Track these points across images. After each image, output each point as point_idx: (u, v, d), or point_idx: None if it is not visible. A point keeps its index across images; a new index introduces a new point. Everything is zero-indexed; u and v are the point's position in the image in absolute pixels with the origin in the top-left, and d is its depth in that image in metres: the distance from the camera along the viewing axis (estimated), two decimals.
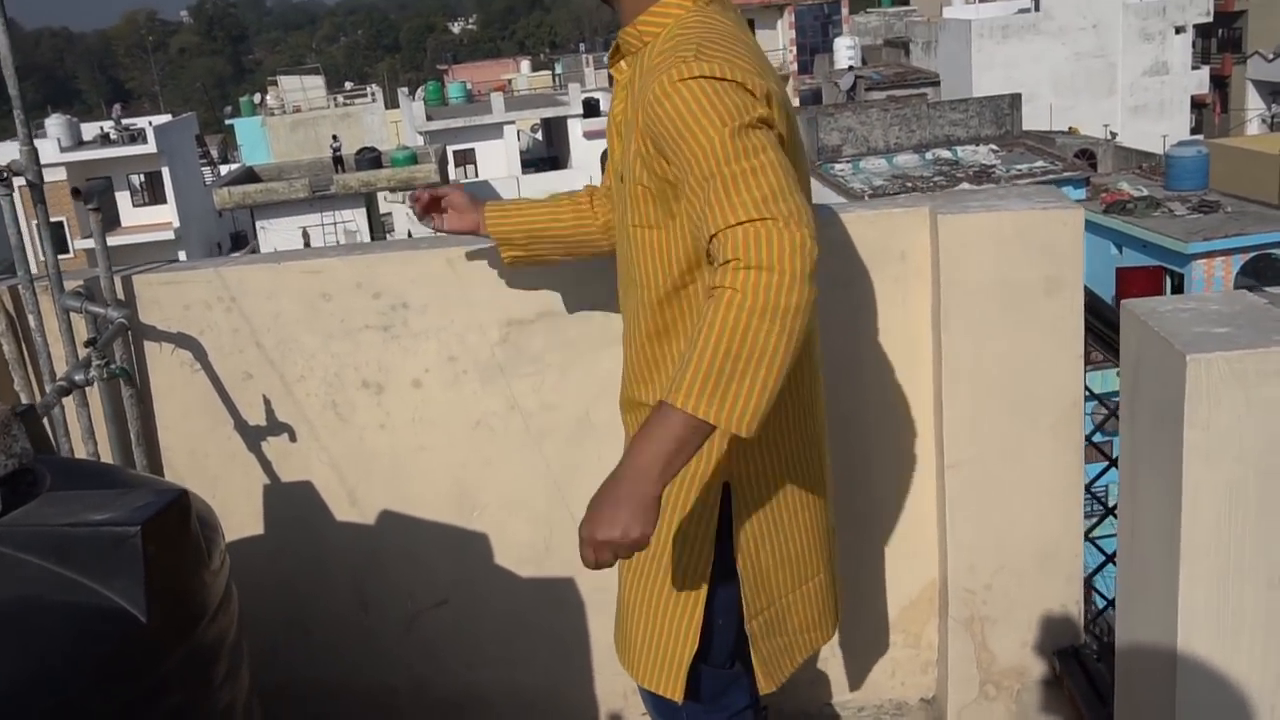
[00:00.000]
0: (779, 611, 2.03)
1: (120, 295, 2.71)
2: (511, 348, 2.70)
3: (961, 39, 37.77)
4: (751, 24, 47.86)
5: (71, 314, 2.65)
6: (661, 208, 1.83)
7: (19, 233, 2.57)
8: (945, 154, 29.95)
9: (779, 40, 47.03)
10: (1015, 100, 31.39)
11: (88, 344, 2.42)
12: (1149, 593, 1.70)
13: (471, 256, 2.64)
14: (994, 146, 30.16)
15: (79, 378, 2.30)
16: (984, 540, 2.60)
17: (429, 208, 2.33)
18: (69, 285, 2.67)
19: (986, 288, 2.47)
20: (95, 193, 2.61)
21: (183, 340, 2.76)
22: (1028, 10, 39.11)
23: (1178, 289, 19.48)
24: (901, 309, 2.62)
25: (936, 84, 38.63)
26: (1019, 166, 28.35)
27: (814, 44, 46.22)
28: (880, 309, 2.63)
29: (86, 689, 1.42)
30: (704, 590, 1.94)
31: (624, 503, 1.55)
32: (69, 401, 2.68)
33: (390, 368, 2.73)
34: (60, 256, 2.69)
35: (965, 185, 26.71)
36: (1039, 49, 37.24)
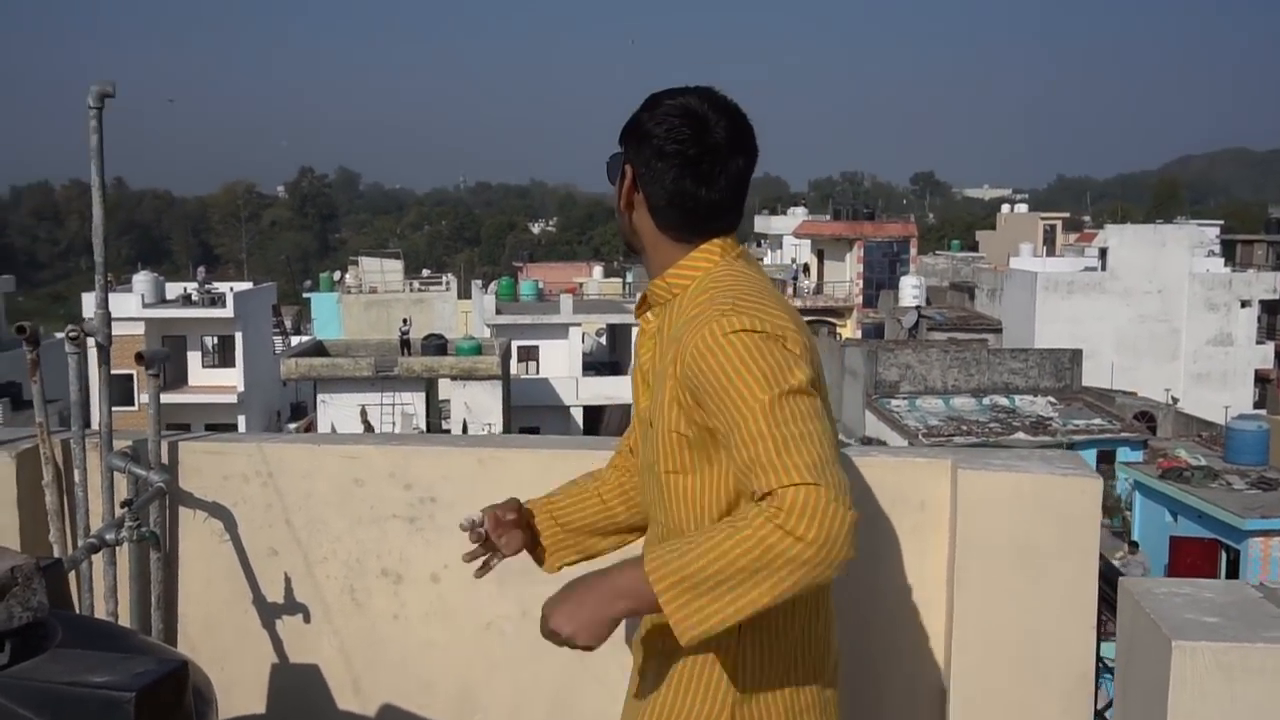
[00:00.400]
0: None
1: (165, 459, 2.82)
2: (526, 556, 2.73)
3: (1027, 290, 38.41)
4: (821, 254, 49.16)
5: (115, 473, 2.75)
6: (699, 454, 1.86)
7: (82, 390, 2.71)
8: (1003, 401, 30.04)
9: (846, 272, 48.09)
10: (1076, 356, 31.63)
11: (124, 504, 2.51)
12: None
13: (500, 457, 2.72)
14: (1052, 399, 30.24)
15: (110, 537, 2.38)
16: None
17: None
18: (118, 444, 2.78)
19: (1001, 548, 2.49)
20: (157, 359, 2.75)
21: (217, 510, 2.84)
22: (1094, 269, 39.80)
23: (1233, 565, 19.02)
24: (918, 558, 2.64)
25: (998, 331, 39.11)
26: (1076, 421, 28.33)
27: (880, 279, 47.17)
28: (897, 557, 2.65)
29: None
30: None
31: (586, 609, 1.75)
32: (98, 558, 2.75)
33: (411, 559, 2.79)
34: (124, 408, 2.83)
35: (1021, 434, 26.70)
36: (1104, 307, 37.71)
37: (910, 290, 42.54)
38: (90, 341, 2.77)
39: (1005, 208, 79.08)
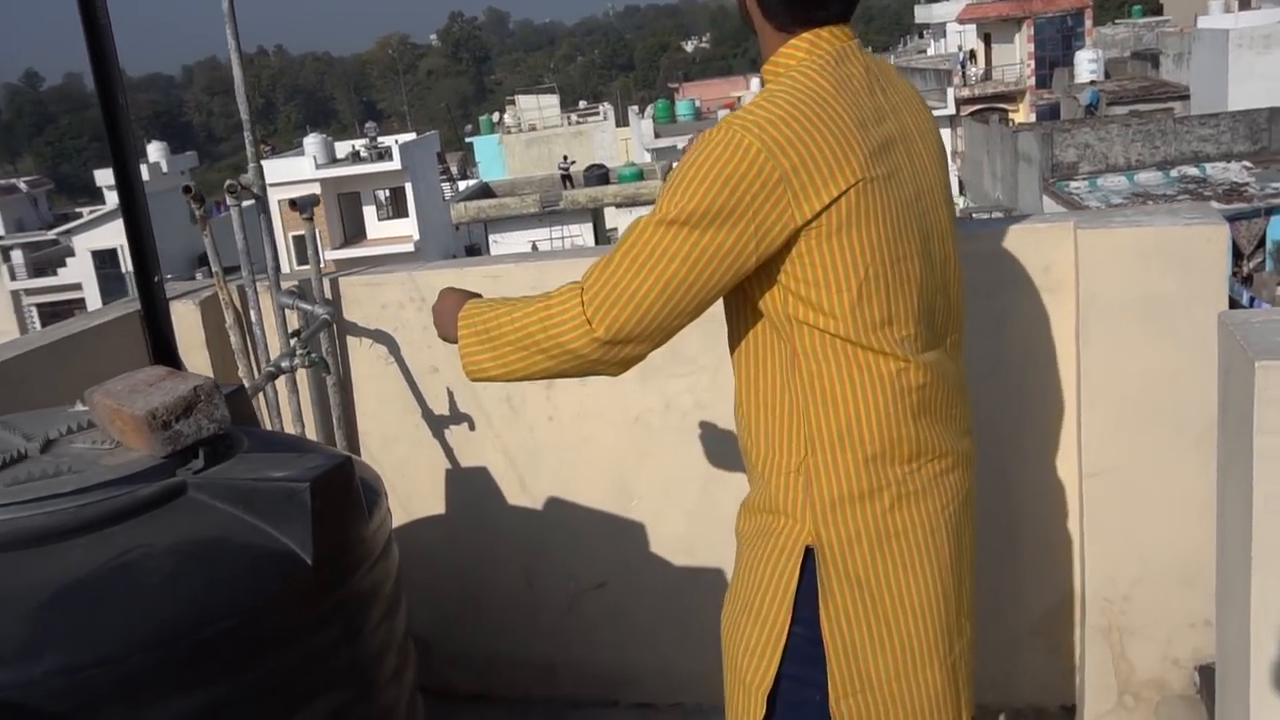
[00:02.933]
0: (879, 701, 1.85)
1: (328, 295, 3.06)
2: (668, 350, 2.85)
3: (1218, 50, 35.70)
4: (988, 38, 46.69)
5: (286, 310, 3.01)
6: None
7: (244, 238, 2.96)
8: (1192, 171, 28.48)
9: (1016, 54, 45.68)
10: (1275, 114, 29.48)
11: (292, 335, 2.76)
12: (1234, 597, 1.76)
13: None
14: (1248, 163, 28.47)
15: (284, 364, 2.64)
16: (1123, 551, 2.63)
17: None
18: (286, 285, 3.04)
19: (1127, 302, 2.51)
20: (308, 204, 2.97)
21: (379, 336, 3.09)
22: None
23: None
24: (1045, 320, 2.68)
25: (1185, 98, 36.73)
26: (1275, 184, 26.69)
27: (1054, 57, 44.60)
28: (1024, 320, 2.69)
29: (260, 615, 1.70)
30: (775, 656, 1.84)
31: (441, 319, 2.01)
32: (283, 387, 3.05)
33: None
34: (307, 266, 3.10)
35: (1214, 204, 25.33)
36: None
37: (1087, 65, 40.19)
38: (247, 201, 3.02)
39: None
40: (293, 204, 2.98)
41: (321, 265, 3.09)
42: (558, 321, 1.76)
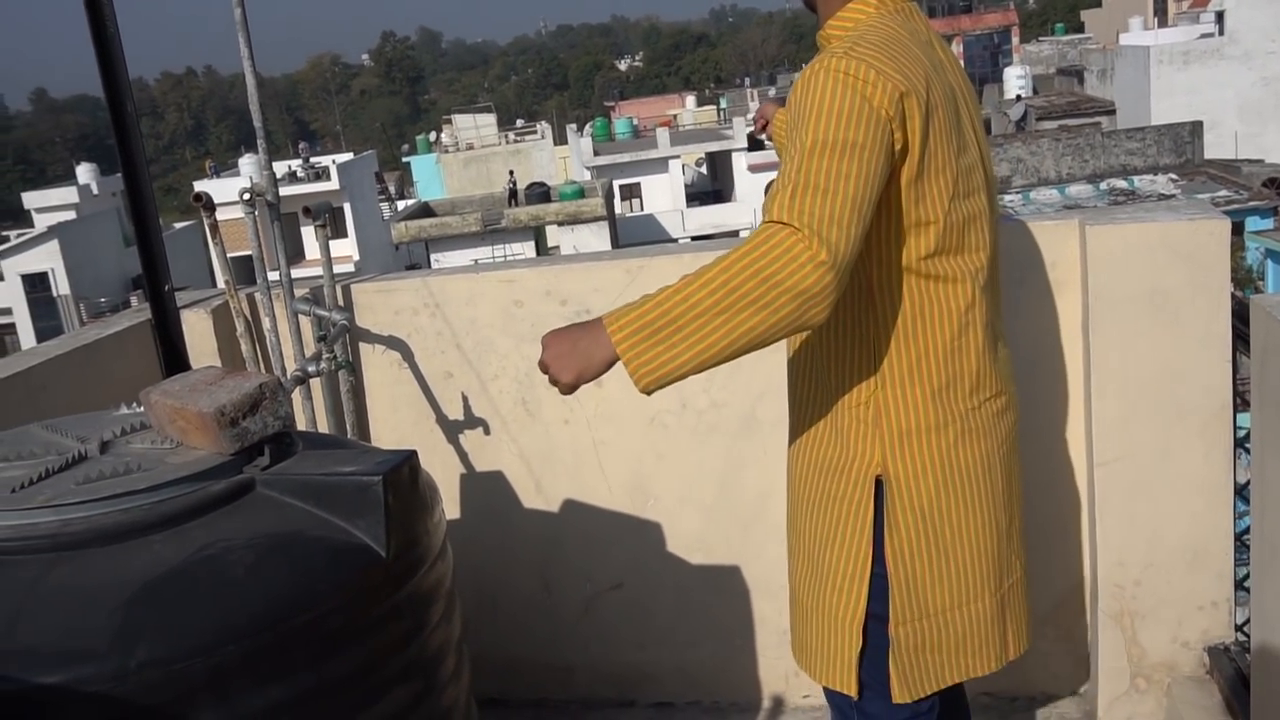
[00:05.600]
0: (932, 628, 1.95)
1: (340, 302, 3.07)
2: None
3: (1139, 66, 36.71)
4: None
5: (300, 317, 3.02)
6: None
7: (258, 245, 2.96)
8: (1121, 184, 29.15)
9: None
10: (1196, 128, 30.32)
11: (319, 339, 2.77)
12: (1277, 566, 1.83)
13: (648, 267, 2.91)
14: (1173, 176, 29.22)
15: (312, 369, 2.65)
16: (1133, 537, 2.72)
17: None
18: (297, 293, 3.04)
19: (1134, 295, 2.60)
20: (323, 211, 2.98)
21: (393, 342, 3.10)
22: (1211, 35, 37.78)
23: None
24: (1052, 316, 2.77)
25: (1112, 113, 37.64)
26: (1200, 196, 27.41)
27: (983, 74, 45.52)
28: (1031, 316, 2.78)
29: (337, 607, 1.71)
30: (864, 586, 1.92)
31: (571, 355, 1.74)
32: (297, 395, 3.05)
33: None
34: (248, 286, 3.13)
35: None
36: (1223, 75, 35.89)
37: (1015, 81, 41.05)
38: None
39: None
40: (306, 210, 2.99)
41: (332, 270, 3.10)
42: (776, 260, 1.61)
